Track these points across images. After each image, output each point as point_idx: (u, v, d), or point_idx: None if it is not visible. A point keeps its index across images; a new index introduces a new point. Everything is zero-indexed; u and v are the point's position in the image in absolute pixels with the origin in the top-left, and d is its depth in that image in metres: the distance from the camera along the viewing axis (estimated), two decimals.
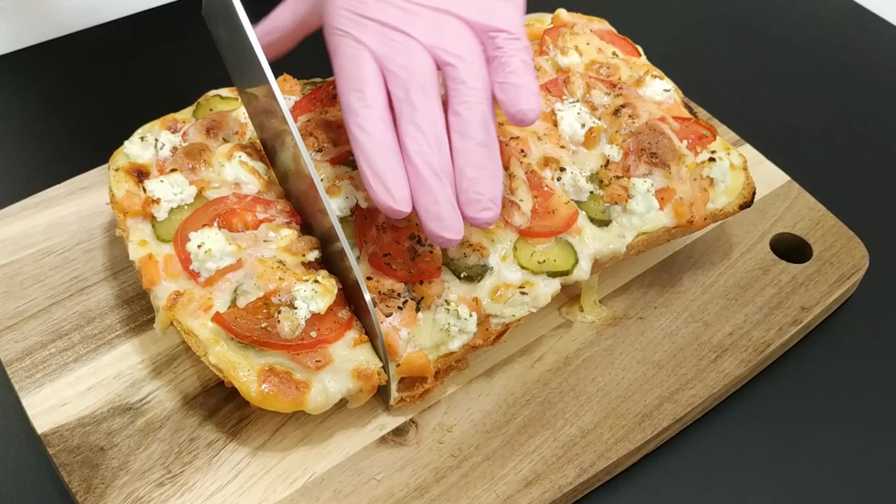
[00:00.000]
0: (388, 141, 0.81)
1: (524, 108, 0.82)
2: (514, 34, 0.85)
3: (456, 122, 0.82)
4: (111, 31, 1.39)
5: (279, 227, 0.90)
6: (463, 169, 0.81)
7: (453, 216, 0.80)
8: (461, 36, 0.85)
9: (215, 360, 0.82)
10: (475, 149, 0.82)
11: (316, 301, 0.83)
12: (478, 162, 0.81)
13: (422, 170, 0.80)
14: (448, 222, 0.80)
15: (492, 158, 0.82)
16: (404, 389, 0.88)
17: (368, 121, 0.81)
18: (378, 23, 0.85)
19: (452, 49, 0.84)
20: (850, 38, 1.50)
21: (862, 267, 1.06)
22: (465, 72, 0.83)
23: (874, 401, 0.99)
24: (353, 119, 0.81)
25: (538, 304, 0.90)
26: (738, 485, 0.91)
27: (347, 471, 0.85)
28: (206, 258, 0.85)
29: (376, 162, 0.80)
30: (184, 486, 0.83)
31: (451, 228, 0.80)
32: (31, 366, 0.91)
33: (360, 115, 0.81)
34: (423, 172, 0.80)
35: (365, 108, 0.82)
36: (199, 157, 0.94)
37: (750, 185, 1.02)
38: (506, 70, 0.83)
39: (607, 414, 0.91)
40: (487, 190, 0.81)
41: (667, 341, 0.98)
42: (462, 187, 0.81)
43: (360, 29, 0.85)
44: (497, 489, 0.85)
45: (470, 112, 0.82)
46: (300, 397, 0.81)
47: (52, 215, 1.04)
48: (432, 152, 0.80)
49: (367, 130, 0.81)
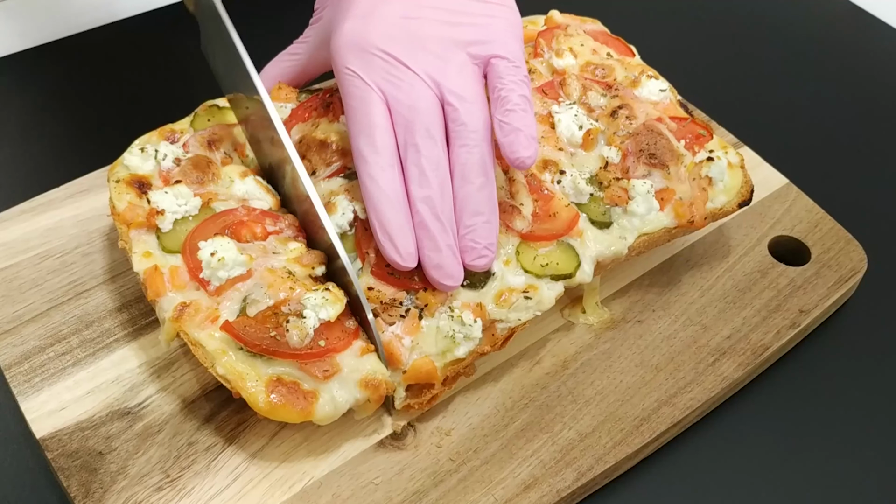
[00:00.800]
0: (396, 192, 0.85)
1: (522, 156, 0.86)
2: (514, 62, 0.89)
3: (456, 165, 0.86)
4: (110, 34, 1.39)
5: (287, 240, 0.91)
6: (461, 215, 0.86)
7: (453, 263, 0.85)
8: (465, 72, 0.88)
9: (223, 371, 0.82)
10: (474, 194, 0.86)
11: (326, 309, 0.83)
12: (476, 209, 0.86)
13: (426, 218, 0.85)
14: (448, 270, 0.85)
15: (489, 202, 0.87)
16: (412, 396, 0.88)
17: (378, 168, 0.85)
18: (384, 57, 0.88)
19: (455, 88, 0.87)
20: (848, 39, 1.50)
21: (860, 270, 1.06)
22: (465, 113, 0.86)
23: (872, 404, 0.99)
24: (364, 168, 0.86)
25: (543, 308, 0.90)
26: (737, 488, 0.91)
27: (346, 475, 0.85)
28: (218, 266, 0.85)
29: (385, 215, 0.85)
30: (182, 490, 0.83)
31: (451, 276, 0.85)
32: (29, 370, 0.91)
33: (370, 164, 0.85)
34: (426, 221, 0.85)
35: (375, 154, 0.85)
36: (206, 169, 0.95)
37: (748, 183, 1.02)
38: (505, 107, 0.87)
39: (605, 418, 0.91)
40: (483, 238, 0.86)
41: (665, 344, 0.98)
42: (460, 234, 0.86)
43: (367, 68, 0.88)
44: (495, 493, 0.85)
45: (469, 155, 0.86)
46: (308, 407, 0.81)
47: (51, 219, 1.04)
48: (436, 198, 0.85)
49: (377, 181, 0.85)
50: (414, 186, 0.85)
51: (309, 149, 0.97)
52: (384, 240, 0.85)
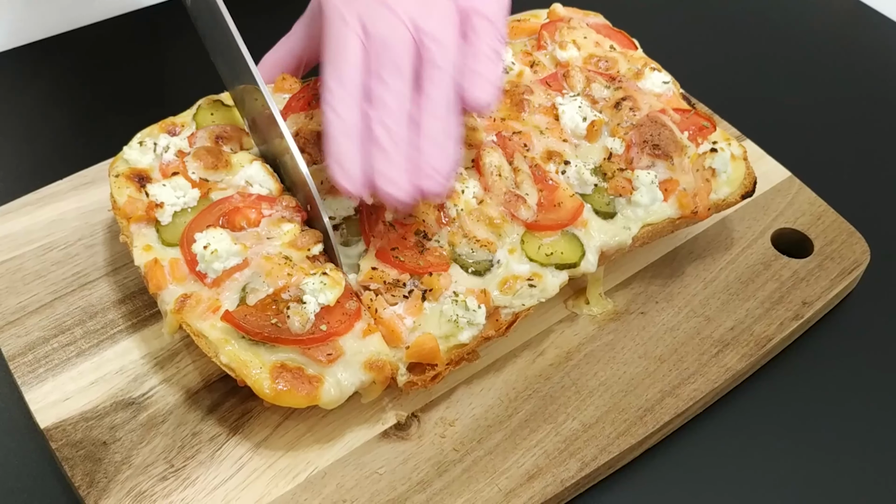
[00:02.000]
0: (353, 121, 0.86)
1: (476, 96, 0.87)
2: (493, 20, 0.90)
3: (422, 99, 0.87)
4: (113, 27, 1.39)
5: (280, 221, 0.90)
6: (420, 143, 0.86)
7: (403, 179, 0.85)
8: (445, 19, 0.89)
9: (227, 359, 0.82)
10: (434, 125, 0.87)
11: (325, 293, 0.83)
12: (434, 138, 0.86)
13: (381, 136, 0.85)
14: (399, 184, 0.84)
15: (449, 136, 0.87)
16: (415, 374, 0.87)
17: (339, 99, 0.86)
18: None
19: (433, 32, 0.88)
20: (851, 34, 1.50)
21: (863, 262, 1.06)
22: (439, 56, 0.87)
23: (875, 395, 0.99)
24: (328, 99, 0.87)
25: (547, 295, 0.90)
26: (740, 479, 0.91)
27: (350, 465, 0.86)
28: (212, 259, 0.85)
29: (336, 140, 0.86)
30: (186, 480, 0.83)
31: (402, 189, 0.84)
32: (33, 361, 0.91)
33: (334, 95, 0.87)
34: (381, 139, 0.85)
35: (340, 88, 0.87)
36: (219, 156, 0.95)
37: (751, 174, 1.02)
38: (474, 57, 0.88)
39: (609, 408, 0.91)
40: (438, 164, 0.86)
41: (668, 336, 0.98)
42: (420, 159, 0.86)
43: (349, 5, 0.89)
44: (499, 483, 0.85)
45: (437, 91, 0.87)
46: (314, 392, 0.81)
47: (54, 211, 1.04)
48: (393, 123, 0.85)
49: (336, 110, 0.86)
50: (374, 111, 0.86)
51: (307, 141, 0.97)
52: (333, 163, 0.85)
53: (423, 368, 0.87)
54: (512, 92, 1.03)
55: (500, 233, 0.91)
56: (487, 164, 0.94)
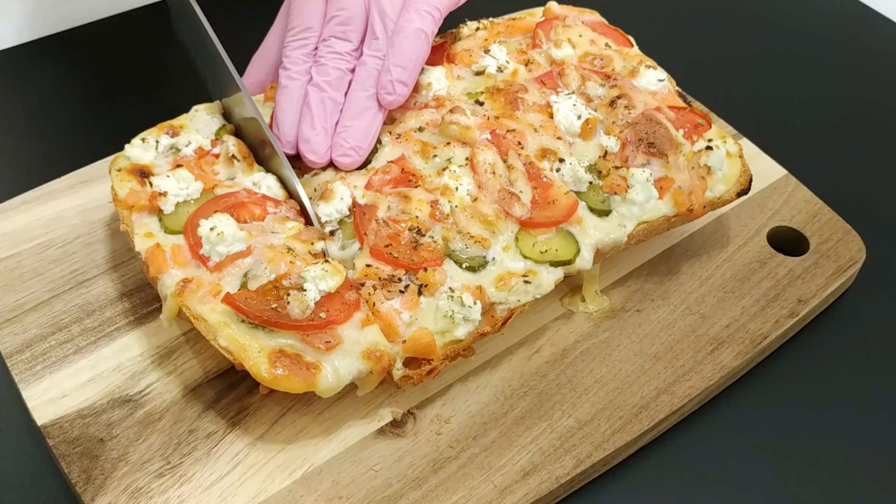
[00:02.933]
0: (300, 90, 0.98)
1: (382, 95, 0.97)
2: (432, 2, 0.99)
3: (358, 70, 0.98)
4: (113, 25, 1.40)
5: (285, 219, 0.91)
6: (343, 116, 0.96)
7: (322, 142, 0.95)
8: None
9: (225, 342, 0.82)
10: (360, 99, 0.97)
11: (326, 281, 0.84)
12: (356, 112, 0.96)
13: (312, 99, 0.96)
14: (314, 146, 0.95)
15: (370, 114, 0.97)
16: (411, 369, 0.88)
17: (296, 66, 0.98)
18: None
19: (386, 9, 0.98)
20: (846, 32, 1.51)
21: (858, 260, 1.06)
22: (379, 28, 0.97)
23: (871, 392, 0.99)
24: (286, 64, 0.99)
25: (542, 291, 0.91)
26: (735, 476, 0.92)
27: (346, 462, 0.86)
28: (217, 241, 0.86)
29: (279, 106, 0.98)
30: (183, 476, 0.84)
31: (315, 152, 0.95)
32: (30, 358, 0.91)
33: (292, 61, 0.98)
34: (312, 101, 0.96)
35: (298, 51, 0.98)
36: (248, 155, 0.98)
37: (746, 172, 1.02)
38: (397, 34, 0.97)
39: (604, 405, 0.91)
40: (353, 139, 0.95)
41: (664, 333, 0.98)
42: (336, 131, 0.96)
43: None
44: (495, 480, 0.85)
45: (372, 62, 0.97)
46: (311, 378, 0.81)
47: (53, 209, 1.05)
48: (327, 86, 0.96)
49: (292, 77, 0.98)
50: (314, 73, 0.97)
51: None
52: (274, 125, 0.97)
53: (419, 363, 0.87)
54: (506, 90, 1.03)
55: (494, 230, 0.91)
56: (481, 162, 0.95)
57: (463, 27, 1.15)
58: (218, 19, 1.03)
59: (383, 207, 0.91)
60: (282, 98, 0.98)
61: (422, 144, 0.98)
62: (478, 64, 1.08)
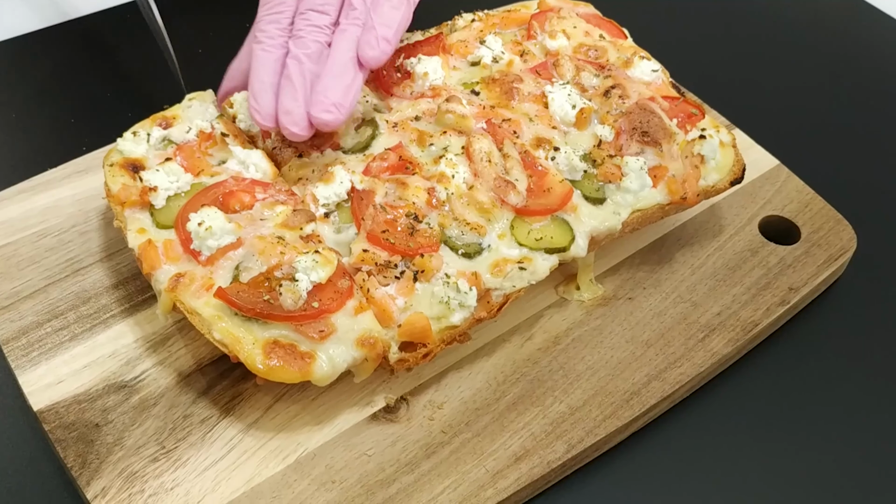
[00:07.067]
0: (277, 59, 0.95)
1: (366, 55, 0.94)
2: None
3: (337, 36, 0.95)
4: (110, 18, 1.40)
5: (273, 204, 0.92)
6: (323, 77, 0.93)
7: (303, 114, 0.92)
8: None
9: (220, 335, 0.83)
10: (340, 59, 0.93)
11: (317, 271, 0.84)
12: (337, 71, 0.93)
13: (291, 71, 0.93)
14: (295, 117, 0.92)
15: (351, 72, 0.94)
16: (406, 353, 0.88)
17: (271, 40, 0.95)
18: None
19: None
20: (840, 23, 1.51)
21: (849, 249, 1.07)
22: (359, 4, 0.95)
23: (862, 379, 1.00)
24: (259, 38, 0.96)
25: (537, 278, 0.91)
26: (725, 462, 0.92)
27: (339, 446, 0.87)
28: (206, 235, 0.86)
29: (255, 76, 0.95)
30: (177, 461, 0.84)
31: (297, 123, 0.92)
32: (27, 345, 0.92)
33: (266, 34, 0.96)
34: (291, 73, 0.93)
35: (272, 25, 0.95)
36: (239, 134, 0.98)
37: (740, 161, 1.03)
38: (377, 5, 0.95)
39: (596, 392, 0.92)
40: (334, 95, 0.92)
41: (655, 321, 0.99)
42: (316, 89, 0.93)
43: None
44: (486, 464, 0.86)
45: (352, 28, 0.95)
46: (306, 367, 0.82)
47: (49, 198, 1.05)
48: (305, 58, 0.93)
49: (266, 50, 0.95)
50: (292, 46, 0.94)
51: None
52: (250, 98, 0.94)
53: (414, 347, 0.88)
54: (501, 80, 1.04)
55: (490, 217, 0.92)
56: (477, 150, 0.95)
57: (458, 18, 1.15)
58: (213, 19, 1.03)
59: (381, 193, 0.92)
60: (259, 69, 0.94)
61: (418, 133, 0.99)
62: (473, 54, 1.09)
